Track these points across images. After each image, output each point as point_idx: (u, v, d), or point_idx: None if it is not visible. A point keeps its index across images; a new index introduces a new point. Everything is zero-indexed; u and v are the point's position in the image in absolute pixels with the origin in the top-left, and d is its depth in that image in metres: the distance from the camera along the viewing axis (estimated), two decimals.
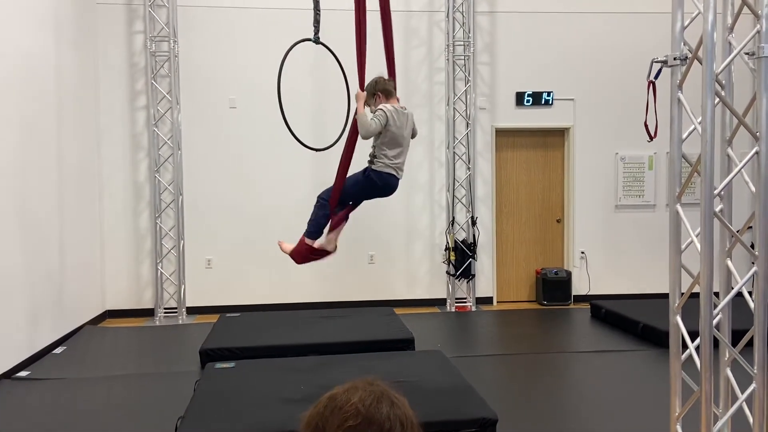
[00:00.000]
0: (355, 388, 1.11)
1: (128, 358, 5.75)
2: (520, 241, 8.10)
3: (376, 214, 7.62)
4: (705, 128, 2.60)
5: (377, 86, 4.14)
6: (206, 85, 7.43)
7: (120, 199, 7.39)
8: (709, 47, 2.58)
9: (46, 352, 5.67)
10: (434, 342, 5.91)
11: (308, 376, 4.31)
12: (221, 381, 4.27)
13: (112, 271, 7.38)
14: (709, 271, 2.62)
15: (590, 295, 7.77)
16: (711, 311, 2.63)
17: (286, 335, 5.55)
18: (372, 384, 1.12)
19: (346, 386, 1.13)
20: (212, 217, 7.47)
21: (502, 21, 7.82)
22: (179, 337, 6.47)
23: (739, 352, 2.77)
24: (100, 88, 7.29)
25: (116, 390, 4.74)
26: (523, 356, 5.61)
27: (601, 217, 8.01)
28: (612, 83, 7.87)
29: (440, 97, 7.78)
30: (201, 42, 7.39)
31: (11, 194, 5.16)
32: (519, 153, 8.05)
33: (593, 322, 6.87)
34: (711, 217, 2.62)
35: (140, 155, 7.42)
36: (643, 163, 7.99)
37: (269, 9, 7.44)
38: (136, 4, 7.33)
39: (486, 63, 7.85)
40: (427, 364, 4.61)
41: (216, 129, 7.46)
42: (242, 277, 7.52)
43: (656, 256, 7.62)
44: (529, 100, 7.84)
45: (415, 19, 7.71)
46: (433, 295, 7.81)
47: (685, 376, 2.85)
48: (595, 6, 7.83)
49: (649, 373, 5.04)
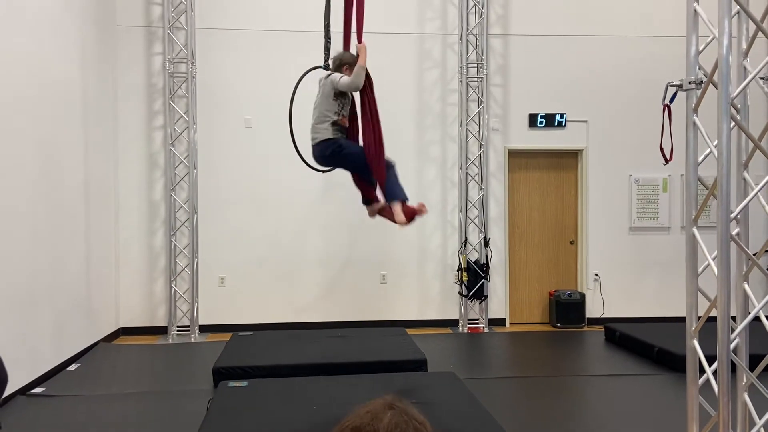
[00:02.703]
0: (378, 418, 1.06)
1: (141, 375, 5.77)
2: (533, 262, 8.07)
3: (388, 234, 7.65)
4: (721, 152, 2.60)
5: (345, 59, 4.17)
6: (223, 106, 7.53)
7: (136, 217, 7.47)
8: (725, 72, 2.60)
9: (61, 369, 5.70)
10: (447, 363, 5.88)
11: (321, 395, 4.30)
12: (234, 400, 4.27)
13: (126, 288, 7.44)
14: (726, 295, 2.61)
15: (604, 318, 7.71)
16: (728, 335, 2.62)
17: (298, 354, 5.55)
18: (392, 407, 1.09)
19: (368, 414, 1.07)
20: (226, 235, 7.52)
21: (515, 43, 7.88)
22: (192, 355, 6.49)
23: (756, 377, 2.74)
24: (119, 107, 7.41)
25: (129, 408, 4.75)
26: (536, 379, 5.57)
27: (615, 239, 7.97)
28: (625, 105, 7.89)
29: (453, 118, 7.82)
30: (218, 63, 7.52)
31: (33, 209, 5.24)
32: (532, 174, 8.06)
33: (607, 345, 6.81)
34: (728, 240, 2.62)
35: (156, 174, 7.51)
36: (657, 185, 7.97)
37: (285, 31, 7.56)
38: (155, 27, 7.47)
39: (499, 84, 7.90)
40: (440, 385, 4.59)
41: (231, 148, 7.55)
42: (255, 296, 7.55)
43: (671, 279, 7.57)
44: (542, 121, 7.87)
45: (428, 41, 7.79)
46: (446, 315, 7.78)
47: (702, 401, 2.82)
48: (608, 29, 7.88)
49: (664, 397, 4.98)
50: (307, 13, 7.36)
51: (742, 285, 2.93)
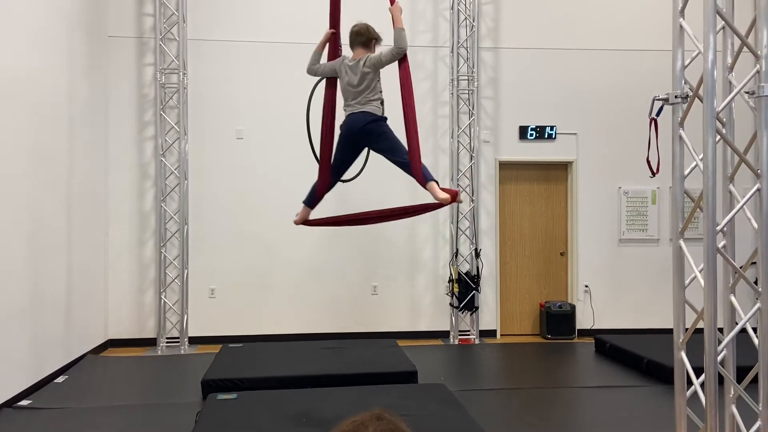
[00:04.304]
0: (364, 425, 1.08)
1: (130, 388, 5.72)
2: (523, 273, 8.09)
3: (379, 245, 7.66)
4: (707, 165, 2.63)
5: (372, 33, 4.11)
6: (214, 117, 7.53)
7: (126, 227, 7.44)
8: (710, 86, 2.63)
9: (48, 381, 5.64)
10: (437, 375, 5.86)
11: (310, 408, 4.28)
12: (223, 412, 4.25)
13: (115, 299, 7.39)
14: (713, 307, 2.63)
15: (594, 329, 7.73)
16: (715, 347, 2.63)
17: (288, 366, 5.53)
18: (381, 419, 1.09)
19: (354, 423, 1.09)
20: (216, 247, 7.49)
21: (506, 56, 7.95)
22: (181, 367, 6.44)
23: (744, 389, 2.76)
24: (110, 118, 7.40)
25: (117, 420, 4.71)
26: (527, 390, 5.56)
27: (605, 251, 8.01)
28: (614, 118, 7.96)
29: (444, 130, 7.86)
30: (209, 74, 7.52)
31: (22, 221, 5.20)
32: (522, 186, 8.10)
33: (597, 356, 6.82)
34: (714, 253, 2.64)
35: (147, 184, 7.49)
36: (646, 197, 8.03)
37: (276, 43, 7.58)
38: (147, 38, 7.48)
39: (490, 97, 7.95)
40: (431, 397, 4.57)
41: (222, 160, 7.54)
42: (245, 308, 7.51)
43: (660, 290, 7.60)
44: (532, 133, 7.92)
45: (420, 53, 7.84)
46: (437, 327, 7.77)
47: (690, 413, 2.83)
48: (598, 43, 7.97)
49: (653, 409, 4.98)
50: (298, 25, 7.40)
51: (728, 297, 2.95)
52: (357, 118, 3.99)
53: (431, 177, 3.96)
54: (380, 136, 4.00)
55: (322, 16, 4.38)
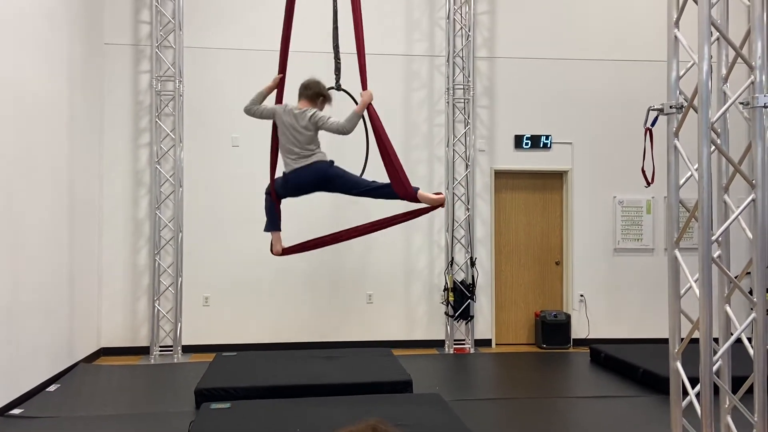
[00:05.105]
0: None
1: (122, 397, 5.67)
2: (519, 283, 8.09)
3: (374, 254, 7.65)
4: (701, 175, 2.64)
5: (323, 90, 4.25)
6: (210, 124, 7.52)
7: (120, 235, 7.40)
8: (704, 97, 2.64)
9: (40, 390, 5.59)
10: (432, 385, 5.84)
11: (304, 418, 4.25)
12: (216, 422, 4.21)
13: (108, 308, 7.34)
14: (709, 317, 2.62)
15: (589, 338, 7.72)
16: (711, 358, 2.63)
17: (282, 375, 5.49)
18: (376, 429, 1.09)
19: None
20: (211, 254, 7.46)
21: (502, 66, 7.98)
22: (174, 376, 6.40)
23: (739, 399, 2.75)
24: (105, 124, 7.38)
25: (109, 430, 4.66)
26: (522, 400, 5.54)
27: (601, 260, 8.01)
28: (609, 128, 7.99)
29: (440, 139, 7.87)
30: (206, 82, 7.52)
31: (13, 228, 5.17)
32: (518, 195, 8.11)
33: (593, 366, 6.81)
34: (709, 263, 2.64)
35: (142, 192, 7.46)
36: (641, 207, 8.05)
37: (273, 51, 7.54)
38: (143, 45, 7.48)
39: (485, 106, 7.98)
40: (425, 407, 4.55)
41: (218, 167, 7.52)
42: (240, 316, 7.48)
43: (656, 300, 7.60)
44: (527, 143, 7.94)
45: (416, 63, 7.86)
46: (432, 336, 7.75)
47: (685, 423, 2.82)
48: (593, 53, 8.01)
49: (649, 419, 4.97)
50: (294, 33, 7.40)
51: (724, 307, 2.95)
52: (302, 175, 4.04)
53: (415, 188, 4.06)
54: (335, 179, 4.10)
55: (319, 25, 4.41)
